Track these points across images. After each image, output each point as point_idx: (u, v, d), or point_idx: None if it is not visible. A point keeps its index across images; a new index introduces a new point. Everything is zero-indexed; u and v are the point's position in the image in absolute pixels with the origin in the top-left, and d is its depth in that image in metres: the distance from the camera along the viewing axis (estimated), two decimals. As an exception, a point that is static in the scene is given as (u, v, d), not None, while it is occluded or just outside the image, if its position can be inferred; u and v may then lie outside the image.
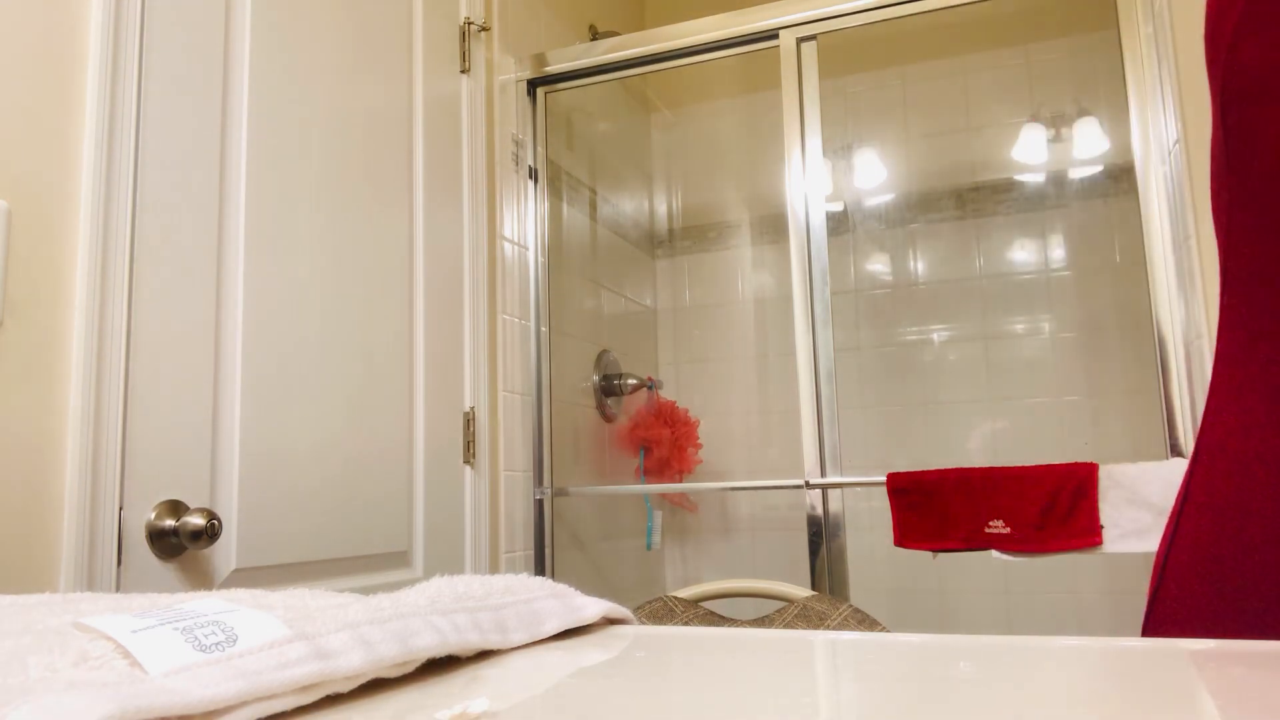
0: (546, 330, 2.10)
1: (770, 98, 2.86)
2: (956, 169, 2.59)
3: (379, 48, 1.65)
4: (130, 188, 1.14)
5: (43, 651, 0.35)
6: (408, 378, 1.65)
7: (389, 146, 1.65)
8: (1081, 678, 0.39)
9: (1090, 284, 2.42)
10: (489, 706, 0.36)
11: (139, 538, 1.12)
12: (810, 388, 1.79)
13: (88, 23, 1.12)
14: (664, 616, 1.40)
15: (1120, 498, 1.53)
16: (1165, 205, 1.63)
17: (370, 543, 1.52)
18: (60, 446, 1.05)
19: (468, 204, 1.87)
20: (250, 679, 0.34)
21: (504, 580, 0.57)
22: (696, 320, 2.85)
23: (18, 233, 1.03)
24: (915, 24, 2.69)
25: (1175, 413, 1.58)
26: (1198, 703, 0.35)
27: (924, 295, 2.58)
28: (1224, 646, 0.44)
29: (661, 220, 2.94)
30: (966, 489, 1.62)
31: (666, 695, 0.39)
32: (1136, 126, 1.67)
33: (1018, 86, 2.56)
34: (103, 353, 1.09)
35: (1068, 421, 2.40)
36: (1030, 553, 1.56)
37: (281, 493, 1.34)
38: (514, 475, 1.95)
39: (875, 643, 0.50)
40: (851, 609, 1.33)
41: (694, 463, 2.69)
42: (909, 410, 2.56)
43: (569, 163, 2.34)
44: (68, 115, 1.09)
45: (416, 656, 0.43)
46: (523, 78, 2.12)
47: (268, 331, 1.34)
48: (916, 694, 0.38)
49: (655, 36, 2.02)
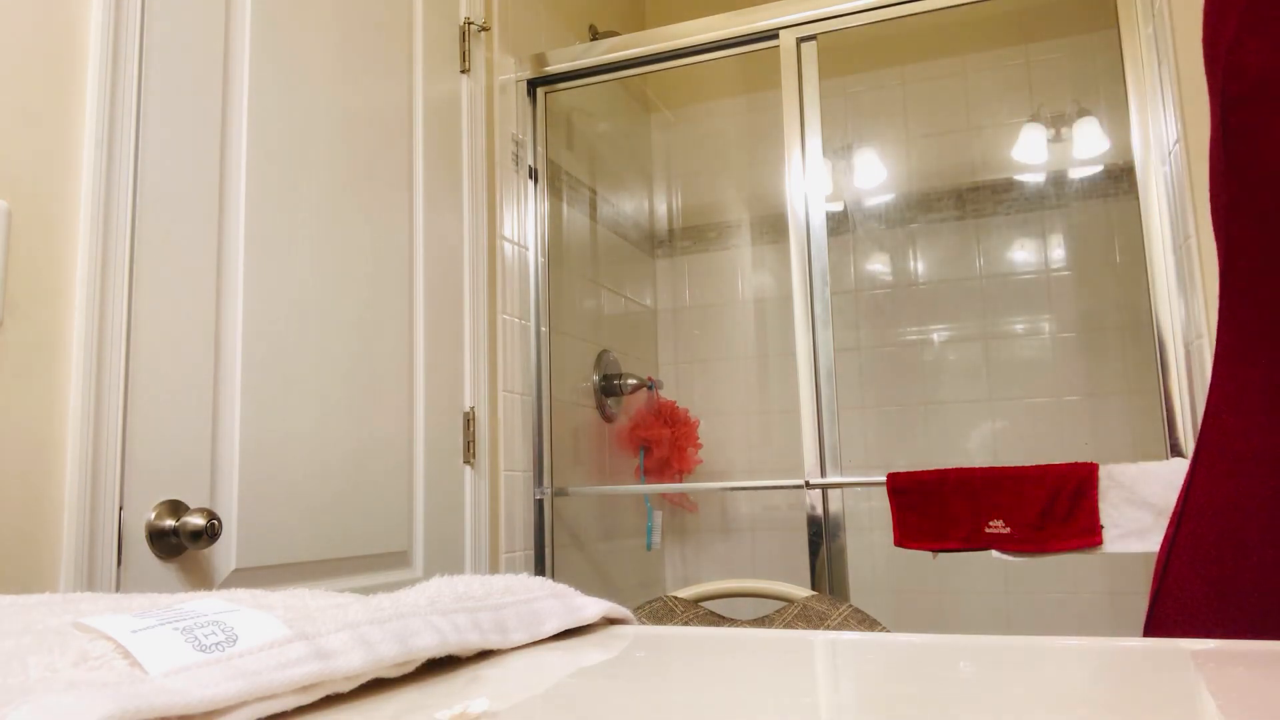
0: (546, 330, 2.10)
1: (770, 98, 2.86)
2: (956, 169, 2.59)
3: (379, 47, 1.65)
4: (130, 188, 1.14)
5: (43, 651, 0.35)
6: (408, 378, 1.65)
7: (389, 146, 1.65)
8: (1081, 678, 0.39)
9: (1090, 284, 2.42)
10: (489, 706, 0.36)
11: (139, 538, 1.12)
12: (810, 388, 1.79)
13: (88, 23, 1.12)
14: (664, 616, 1.40)
15: (1120, 498, 1.53)
16: (1165, 205, 1.63)
17: (370, 543, 1.52)
18: (60, 446, 1.05)
19: (468, 204, 1.87)
20: (250, 679, 0.35)
21: (504, 580, 0.57)
22: (696, 320, 2.85)
23: (18, 233, 1.03)
24: (915, 24, 2.69)
25: (1175, 413, 1.58)
26: (1197, 703, 0.35)
27: (924, 295, 2.58)
28: (1223, 646, 0.44)
29: (661, 220, 2.94)
30: (966, 489, 1.62)
31: (666, 695, 0.39)
32: (1136, 126, 1.67)
33: (1018, 86, 2.56)
34: (103, 353, 1.09)
35: (1068, 421, 2.40)
36: (1030, 553, 1.56)
37: (281, 493, 1.34)
38: (514, 475, 1.95)
39: (875, 643, 0.50)
40: (851, 609, 1.33)
41: (694, 463, 2.69)
42: (909, 410, 2.56)
43: (569, 163, 2.34)
44: (68, 115, 1.09)
45: (416, 656, 0.43)
46: (523, 78, 2.12)
47: (268, 331, 1.34)
48: (916, 694, 0.38)
49: (655, 36, 2.02)
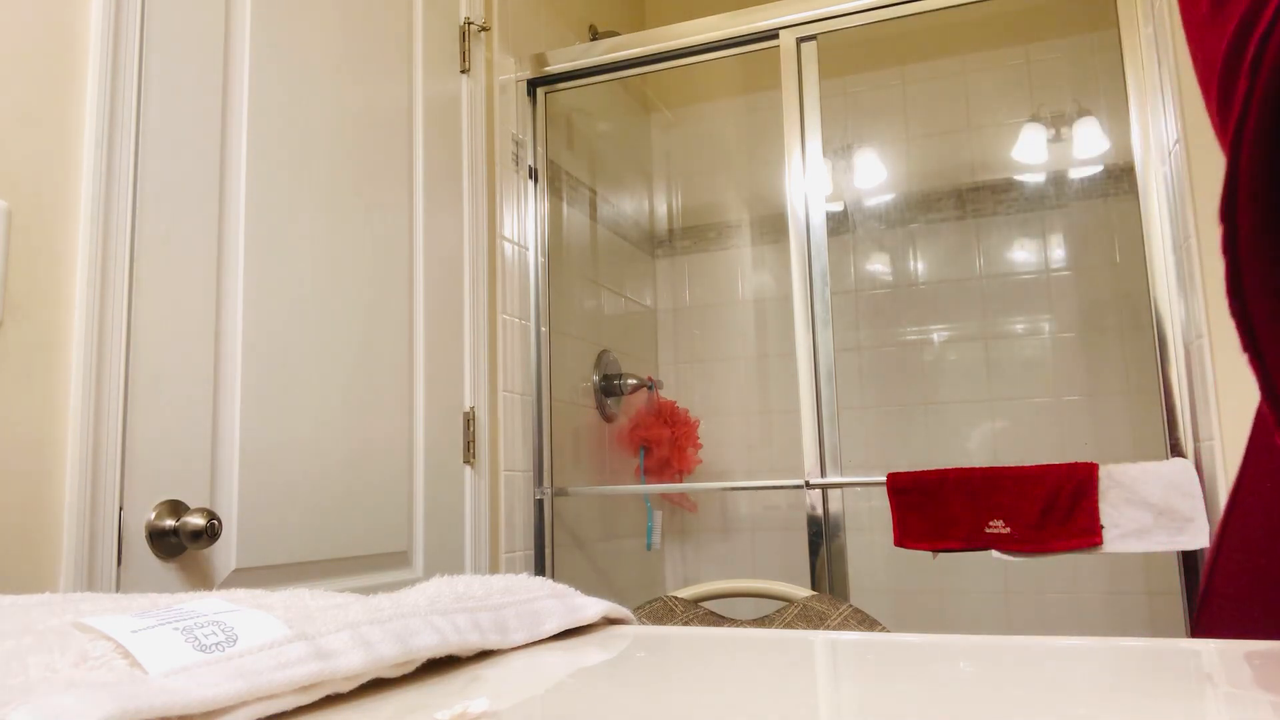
0: (546, 330, 2.10)
1: (770, 98, 2.85)
2: (956, 169, 2.59)
3: (379, 47, 1.65)
4: (130, 188, 1.14)
5: (43, 651, 0.35)
6: (408, 378, 1.65)
7: (389, 146, 1.65)
8: (1081, 678, 0.39)
9: (1090, 284, 2.42)
10: (489, 706, 0.36)
11: (139, 538, 1.12)
12: (810, 388, 1.79)
13: (88, 23, 1.12)
14: (664, 616, 1.40)
15: (1120, 498, 1.53)
16: (1165, 205, 1.63)
17: (370, 543, 1.52)
18: (60, 446, 1.05)
19: (468, 204, 1.87)
20: (250, 679, 0.34)
21: (504, 580, 0.57)
22: (696, 320, 2.85)
23: (18, 233, 1.02)
24: (915, 24, 2.68)
25: (1175, 413, 1.58)
26: (1197, 703, 0.35)
27: (924, 295, 2.58)
28: (1227, 646, 0.44)
29: (661, 220, 2.94)
30: (966, 489, 1.62)
31: (666, 695, 0.39)
32: (1136, 126, 1.67)
33: (1018, 86, 2.56)
34: (103, 353, 1.09)
35: (1068, 421, 2.40)
36: (1030, 553, 1.56)
37: (281, 493, 1.34)
38: (514, 475, 1.95)
39: (875, 643, 0.50)
40: (851, 609, 1.33)
41: (694, 463, 2.69)
42: (909, 410, 2.56)
43: (569, 163, 2.34)
44: (68, 115, 1.09)
45: (416, 656, 0.43)
46: (523, 78, 2.12)
47: (268, 331, 1.34)
48: (916, 694, 0.38)
49: (655, 36, 2.02)
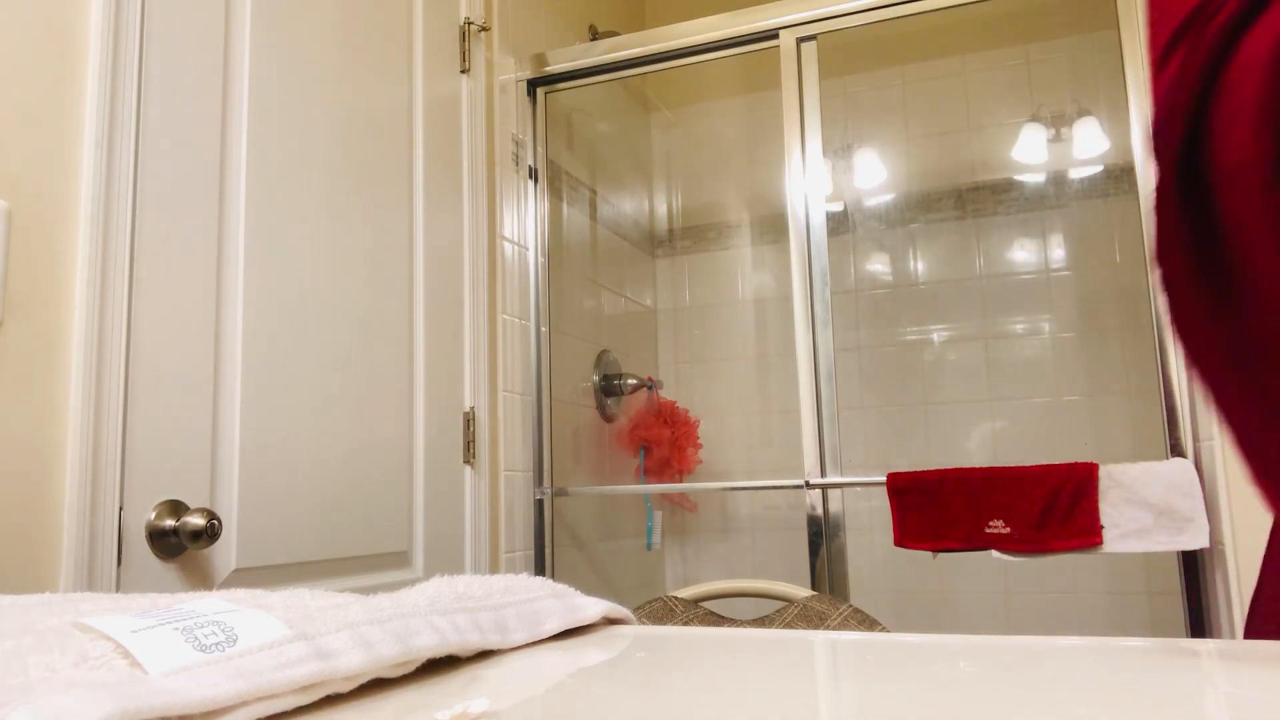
0: (546, 330, 2.10)
1: (770, 98, 2.85)
2: (956, 169, 2.59)
3: (379, 47, 1.65)
4: (130, 188, 1.14)
5: (43, 651, 0.35)
6: (408, 378, 1.65)
7: (389, 146, 1.65)
8: (1081, 678, 0.39)
9: (1090, 284, 2.42)
10: (489, 706, 0.36)
11: (139, 538, 1.12)
12: (810, 388, 1.79)
13: (88, 23, 1.12)
14: (664, 616, 1.40)
15: (1120, 498, 1.53)
16: (1165, 205, 1.63)
17: (370, 543, 1.52)
18: (60, 446, 1.05)
19: (468, 204, 1.87)
20: (250, 679, 0.34)
21: (504, 580, 0.57)
22: (696, 320, 2.85)
23: (18, 233, 1.02)
24: (915, 24, 2.68)
25: (1175, 413, 1.58)
26: (1198, 703, 0.35)
27: (924, 295, 2.58)
28: (1227, 646, 0.44)
29: (661, 220, 2.94)
30: (966, 489, 1.62)
31: (666, 695, 0.39)
32: (1136, 126, 1.67)
33: (1018, 86, 2.55)
34: (103, 353, 1.09)
35: (1068, 421, 2.40)
36: (1030, 553, 1.56)
37: (281, 493, 1.34)
38: (514, 475, 1.94)
39: (875, 643, 0.50)
40: (851, 609, 1.33)
41: (694, 463, 2.69)
42: (909, 410, 2.56)
43: (569, 163, 2.34)
44: (68, 115, 1.09)
45: (416, 656, 0.43)
46: (523, 78, 2.12)
47: (268, 331, 1.34)
48: (916, 694, 0.38)
49: (655, 36, 2.02)
